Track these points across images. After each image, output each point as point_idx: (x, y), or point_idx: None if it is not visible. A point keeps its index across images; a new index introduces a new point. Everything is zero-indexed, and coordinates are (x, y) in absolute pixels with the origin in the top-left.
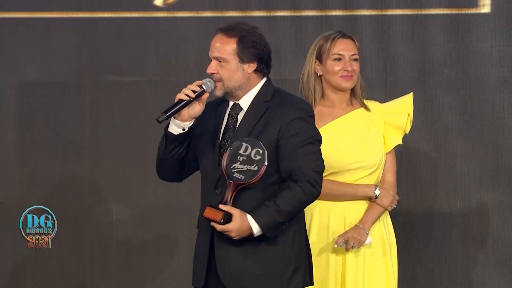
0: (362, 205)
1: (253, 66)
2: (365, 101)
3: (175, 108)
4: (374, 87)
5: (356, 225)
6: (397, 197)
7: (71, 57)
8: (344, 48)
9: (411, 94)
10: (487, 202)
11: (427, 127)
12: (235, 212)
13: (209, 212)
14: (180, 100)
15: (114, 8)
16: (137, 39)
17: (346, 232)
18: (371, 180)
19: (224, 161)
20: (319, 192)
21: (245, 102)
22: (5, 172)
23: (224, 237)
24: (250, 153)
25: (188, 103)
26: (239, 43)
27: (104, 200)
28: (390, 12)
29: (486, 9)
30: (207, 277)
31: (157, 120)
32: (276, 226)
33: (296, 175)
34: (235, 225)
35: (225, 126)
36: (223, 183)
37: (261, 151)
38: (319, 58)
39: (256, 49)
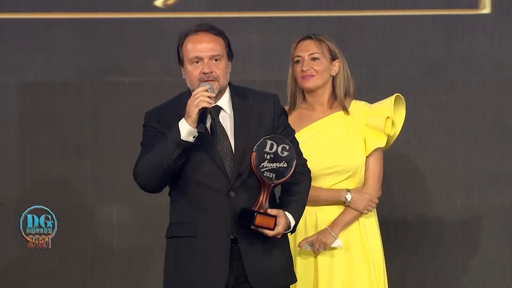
0: (336, 208)
1: (230, 65)
2: (353, 101)
3: (206, 117)
4: (374, 87)
5: (325, 228)
6: (376, 201)
7: (72, 57)
8: (302, 49)
9: (394, 96)
10: (488, 203)
11: (427, 127)
12: (281, 214)
13: (261, 220)
14: (206, 109)
15: (115, 9)
16: (137, 40)
17: (312, 235)
18: (350, 184)
19: (254, 162)
20: None
21: (224, 103)
22: (6, 172)
23: (248, 240)
24: (276, 150)
25: (208, 110)
26: (225, 40)
27: (105, 201)
28: (391, 13)
29: (486, 10)
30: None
31: (200, 133)
32: (300, 218)
33: (297, 167)
34: (283, 227)
35: (211, 129)
36: (237, 186)
37: (287, 147)
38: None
39: (231, 48)
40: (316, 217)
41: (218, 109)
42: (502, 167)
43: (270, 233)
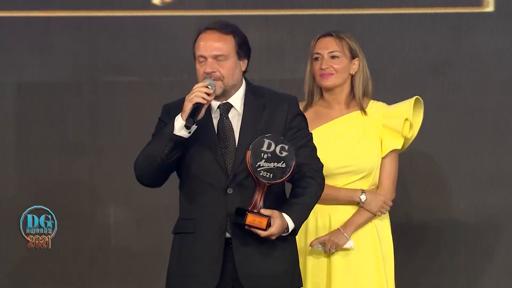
0: (350, 208)
1: (245, 63)
2: (370, 102)
3: (198, 112)
4: (376, 86)
5: (337, 228)
6: (390, 203)
7: (70, 56)
8: (322, 46)
9: (414, 98)
10: (492, 205)
11: (430, 128)
12: (276, 214)
13: (252, 219)
14: (199, 104)
15: (113, 7)
16: (135, 38)
17: (324, 235)
18: (365, 184)
19: (249, 160)
20: None
21: (236, 101)
22: (4, 172)
23: (242, 239)
24: (274, 150)
25: (203, 105)
26: (236, 39)
27: (103, 202)
28: (393, 11)
29: (490, 8)
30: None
31: (187, 127)
32: (303, 222)
33: (308, 171)
34: (278, 228)
35: (218, 126)
36: (235, 184)
37: (286, 147)
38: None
39: (247, 46)
40: (330, 217)
41: (229, 106)
42: (507, 168)
43: (262, 233)
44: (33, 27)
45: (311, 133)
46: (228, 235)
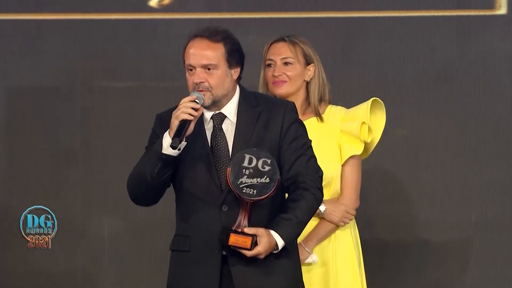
0: (313, 221)
1: (238, 71)
2: (328, 107)
3: (184, 130)
4: (386, 90)
5: (299, 242)
6: (353, 212)
7: (62, 60)
8: (275, 52)
9: (371, 100)
10: (504, 216)
11: (439, 135)
12: (261, 232)
13: (235, 240)
14: (185, 121)
15: (107, 10)
16: (131, 42)
17: None
18: (326, 194)
19: (230, 178)
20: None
21: (229, 110)
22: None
23: (239, 257)
24: (256, 165)
25: (190, 121)
26: (226, 47)
27: (95, 210)
28: (403, 13)
29: (502, 10)
30: None
31: (173, 147)
32: (296, 238)
33: (303, 182)
34: (264, 246)
35: (211, 139)
36: (230, 200)
37: (269, 161)
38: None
39: (239, 53)
40: None
41: (222, 117)
42: None
43: (248, 253)
44: (24, 30)
45: (310, 141)
46: (224, 253)
